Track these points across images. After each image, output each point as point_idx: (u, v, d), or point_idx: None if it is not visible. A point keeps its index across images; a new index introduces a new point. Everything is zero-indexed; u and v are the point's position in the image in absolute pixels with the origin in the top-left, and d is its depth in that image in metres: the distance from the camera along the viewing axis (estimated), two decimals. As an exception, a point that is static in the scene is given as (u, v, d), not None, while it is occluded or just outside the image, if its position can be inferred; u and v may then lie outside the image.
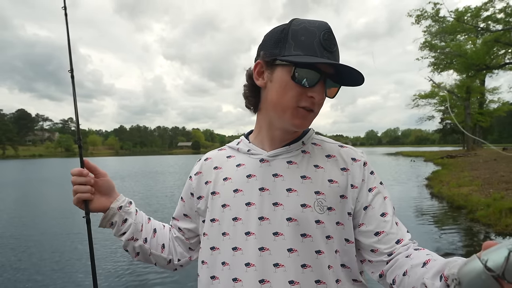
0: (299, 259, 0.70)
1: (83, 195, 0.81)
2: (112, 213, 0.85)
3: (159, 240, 0.91)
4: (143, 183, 14.86)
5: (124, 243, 0.86)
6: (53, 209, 8.91)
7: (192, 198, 0.87)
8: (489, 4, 17.11)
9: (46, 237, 5.99)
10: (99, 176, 0.85)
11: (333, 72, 0.71)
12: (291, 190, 0.73)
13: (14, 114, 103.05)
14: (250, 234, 0.73)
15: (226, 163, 0.83)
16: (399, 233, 0.73)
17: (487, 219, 6.12)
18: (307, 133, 0.83)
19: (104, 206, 0.84)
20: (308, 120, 0.74)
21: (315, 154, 0.79)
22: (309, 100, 0.71)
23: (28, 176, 20.97)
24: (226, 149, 0.88)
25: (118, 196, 0.88)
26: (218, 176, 0.82)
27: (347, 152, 0.80)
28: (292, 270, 0.69)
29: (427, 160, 26.54)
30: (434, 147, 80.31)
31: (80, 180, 0.81)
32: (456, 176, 11.97)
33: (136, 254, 0.89)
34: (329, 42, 0.70)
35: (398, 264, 0.68)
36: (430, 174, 14.86)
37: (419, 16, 20.47)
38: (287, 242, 0.70)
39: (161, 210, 8.19)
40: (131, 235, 0.86)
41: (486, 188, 8.82)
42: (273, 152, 0.78)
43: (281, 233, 0.71)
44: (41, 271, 4.32)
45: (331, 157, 0.79)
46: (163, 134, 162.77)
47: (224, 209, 0.77)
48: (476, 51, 18.63)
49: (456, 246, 5.05)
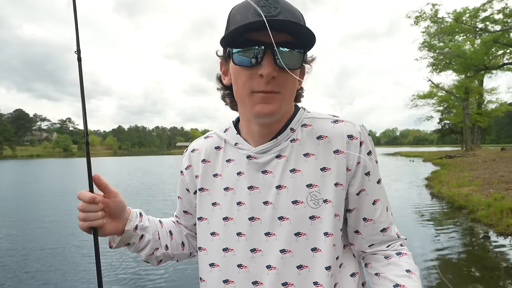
0: (294, 260, 0.66)
1: (93, 223, 0.70)
2: (128, 236, 0.77)
3: (177, 240, 0.89)
4: (142, 182, 14.82)
5: (145, 258, 0.83)
6: (52, 209, 8.85)
7: (188, 193, 0.83)
8: (488, 5, 17.18)
9: (46, 241, 5.93)
10: (110, 197, 0.73)
11: (288, 39, 0.59)
12: (280, 187, 0.68)
13: (12, 114, 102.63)
14: (241, 235, 0.69)
15: (215, 156, 0.77)
16: (386, 221, 0.73)
17: (488, 219, 6.11)
18: (296, 115, 0.72)
19: (116, 229, 0.75)
20: (274, 104, 0.62)
21: (304, 139, 0.70)
22: (261, 81, 0.61)
23: (26, 176, 20.86)
24: (213, 136, 0.80)
25: (129, 214, 0.78)
26: (207, 170, 0.77)
27: (342, 128, 0.69)
28: (286, 272, 0.66)
29: (426, 160, 26.58)
30: (433, 147, 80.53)
31: (91, 208, 0.69)
32: (456, 176, 11.97)
33: (159, 262, 0.86)
34: (267, 7, 0.58)
35: (373, 266, 0.73)
36: (430, 174, 14.86)
37: (418, 18, 20.55)
38: (279, 242, 0.66)
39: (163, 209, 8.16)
40: (151, 250, 0.82)
41: (486, 188, 8.82)
42: (260, 148, 0.70)
43: (273, 233, 0.67)
44: (38, 274, 4.27)
45: (323, 138, 0.69)
46: (161, 134, 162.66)
47: (214, 207, 0.74)
48: (475, 52, 18.70)
49: (457, 246, 5.03)
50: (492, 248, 4.98)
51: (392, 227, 0.74)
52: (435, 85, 30.12)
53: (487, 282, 3.75)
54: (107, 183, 0.73)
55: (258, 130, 0.71)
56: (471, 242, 5.31)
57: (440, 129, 48.40)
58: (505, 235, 5.37)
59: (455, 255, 4.64)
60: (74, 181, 17.04)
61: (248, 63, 0.61)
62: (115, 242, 0.78)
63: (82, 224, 0.70)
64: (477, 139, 32.91)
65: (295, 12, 0.62)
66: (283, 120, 0.71)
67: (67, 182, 16.94)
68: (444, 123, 45.31)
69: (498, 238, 5.31)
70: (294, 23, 0.56)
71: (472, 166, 14.77)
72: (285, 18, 0.58)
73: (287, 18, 0.58)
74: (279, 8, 0.59)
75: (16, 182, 17.00)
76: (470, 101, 30.73)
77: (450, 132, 47.21)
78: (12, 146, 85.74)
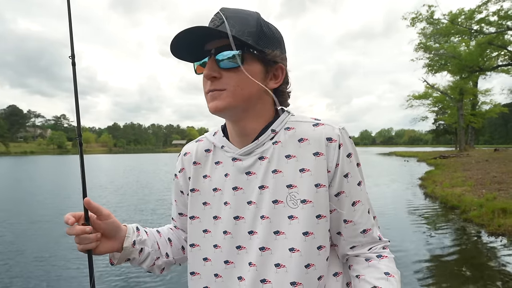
0: (272, 257, 0.68)
1: (87, 246, 0.73)
2: (127, 252, 0.79)
3: (177, 245, 0.92)
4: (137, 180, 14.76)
5: (147, 269, 0.86)
6: (46, 206, 8.78)
7: (183, 195, 0.86)
8: (483, 7, 17.33)
9: (39, 237, 5.89)
10: (102, 219, 0.75)
11: (227, 43, 0.66)
12: (263, 187, 0.70)
13: (5, 110, 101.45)
14: (227, 233, 0.73)
15: (205, 159, 0.81)
16: (367, 223, 0.73)
17: (480, 219, 6.19)
18: (278, 118, 0.75)
19: (113, 248, 0.78)
20: (221, 99, 0.68)
21: (286, 142, 0.72)
22: (207, 83, 0.70)
23: (19, 173, 20.65)
24: (204, 140, 0.85)
25: (125, 231, 0.80)
26: (197, 172, 0.81)
27: (321, 131, 0.71)
28: (265, 269, 0.68)
29: (420, 160, 26.79)
30: (427, 148, 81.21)
31: (80, 232, 0.72)
32: (449, 177, 12.09)
33: (161, 270, 0.89)
34: (212, 22, 0.68)
35: (355, 268, 0.75)
36: (424, 174, 14.98)
37: (414, 19, 20.68)
38: (260, 240, 0.69)
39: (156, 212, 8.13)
40: (152, 261, 0.84)
41: (479, 189, 8.92)
42: (244, 150, 0.73)
43: (256, 231, 0.70)
44: (32, 274, 4.24)
45: (303, 141, 0.71)
46: (157, 132, 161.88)
47: (205, 207, 0.78)
48: (470, 53, 18.86)
49: (449, 246, 5.09)
50: (483, 248, 5.05)
51: (374, 229, 0.75)
52: (431, 86, 30.36)
53: (478, 281, 3.81)
54: (99, 206, 0.74)
55: (236, 131, 0.75)
56: (463, 242, 5.37)
57: (435, 129, 48.75)
58: (496, 235, 5.44)
59: (447, 255, 4.70)
60: (67, 179, 16.92)
61: (196, 70, 0.74)
62: (115, 259, 0.80)
63: (78, 247, 0.74)
64: (471, 140, 33.25)
65: (241, 18, 0.68)
66: (261, 121, 0.74)
67: (60, 180, 16.80)
68: (438, 124, 45.66)
69: (490, 238, 5.39)
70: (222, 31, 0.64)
71: (465, 166, 14.93)
72: (224, 30, 0.65)
73: (229, 27, 0.65)
74: (222, 19, 0.67)
75: (8, 179, 16.82)
76: (465, 102, 31.03)
77: (445, 132, 47.61)
78: (6, 143, 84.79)
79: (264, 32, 0.69)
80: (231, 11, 0.69)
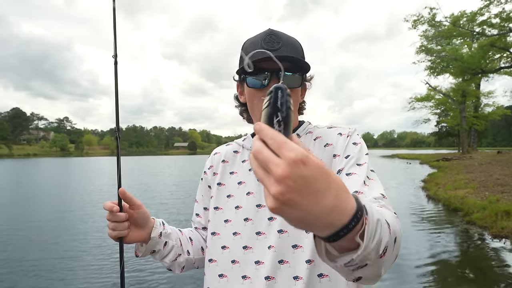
0: (277, 255, 0.73)
1: (121, 233, 0.79)
2: (154, 243, 0.85)
3: (197, 245, 0.97)
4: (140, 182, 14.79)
5: (169, 264, 0.90)
6: (49, 209, 8.81)
7: (209, 190, 0.94)
8: (485, 9, 17.33)
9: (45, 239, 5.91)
10: (134, 208, 0.81)
11: (289, 66, 0.76)
12: None
13: (9, 112, 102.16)
14: (248, 220, 0.79)
15: (233, 158, 0.91)
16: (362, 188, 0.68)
17: (483, 221, 6.16)
18: (302, 125, 0.88)
19: (141, 237, 0.83)
20: None
21: (305, 143, 0.83)
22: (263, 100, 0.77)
23: (22, 175, 20.75)
24: (233, 144, 0.96)
25: (153, 223, 0.86)
26: (225, 169, 0.90)
27: (334, 130, 0.83)
28: (270, 265, 0.73)
29: (423, 163, 26.69)
30: (430, 150, 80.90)
31: (114, 218, 0.79)
32: (452, 179, 12.05)
33: (182, 269, 0.93)
34: (271, 43, 0.76)
35: None
36: (426, 176, 14.93)
37: (416, 21, 20.68)
38: (278, 224, 0.75)
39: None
40: (175, 256, 0.90)
41: (482, 191, 8.89)
42: None
43: (275, 218, 0.76)
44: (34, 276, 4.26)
45: (318, 138, 0.83)
46: (159, 134, 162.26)
47: (228, 199, 0.85)
48: (472, 55, 18.85)
49: (452, 248, 5.07)
50: (486, 250, 5.03)
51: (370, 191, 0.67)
52: (433, 88, 30.31)
53: (481, 283, 3.79)
54: (132, 196, 0.80)
55: None
56: (466, 244, 5.35)
57: (437, 131, 48.59)
58: (500, 237, 5.42)
59: (450, 257, 4.68)
60: (70, 181, 16.98)
61: (259, 85, 0.78)
62: (141, 251, 0.86)
63: (111, 233, 0.80)
64: (474, 142, 33.11)
65: (295, 44, 0.79)
66: None
67: (64, 182, 16.86)
68: (441, 126, 45.50)
69: (493, 240, 5.36)
70: (293, 56, 0.75)
71: (468, 169, 14.87)
72: (287, 53, 0.76)
73: (288, 51, 0.76)
74: (280, 43, 0.76)
75: (11, 181, 16.90)
76: (467, 104, 30.94)
77: (447, 134, 47.41)
78: (9, 145, 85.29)
79: (304, 57, 0.82)
80: (283, 35, 0.78)
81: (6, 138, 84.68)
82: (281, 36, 0.78)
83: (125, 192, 0.79)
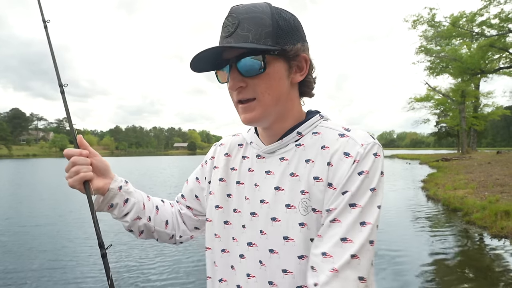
0: (280, 262, 0.66)
1: (87, 175, 0.77)
2: (112, 195, 0.81)
3: (162, 216, 0.91)
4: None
5: (130, 223, 0.84)
6: (48, 209, 8.80)
7: (205, 181, 0.89)
8: (484, 10, 17.36)
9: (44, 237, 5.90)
10: (91, 156, 0.80)
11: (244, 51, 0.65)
12: (279, 189, 0.69)
13: (8, 113, 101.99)
14: (244, 227, 0.73)
15: (236, 152, 0.84)
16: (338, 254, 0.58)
17: (482, 221, 6.17)
18: (308, 120, 0.73)
19: (101, 187, 0.80)
20: (254, 111, 0.68)
21: (310, 146, 0.70)
22: (234, 93, 0.70)
23: (21, 176, 20.72)
24: (240, 135, 0.88)
25: (114, 176, 0.84)
26: (227, 163, 0.83)
27: (344, 143, 0.66)
28: (271, 272, 0.67)
29: (422, 163, 26.72)
30: (429, 150, 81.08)
31: (81, 160, 0.77)
32: (452, 179, 12.06)
33: (140, 233, 0.88)
34: (227, 27, 0.66)
35: None
36: (426, 176, 14.95)
37: (415, 22, 20.71)
38: (269, 242, 0.68)
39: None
40: (136, 214, 0.84)
41: (481, 191, 8.89)
42: (268, 148, 0.74)
43: (265, 232, 0.69)
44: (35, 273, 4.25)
45: (325, 148, 0.67)
46: (159, 134, 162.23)
47: (228, 198, 0.79)
48: (471, 56, 18.87)
49: (451, 248, 5.08)
50: (486, 250, 5.03)
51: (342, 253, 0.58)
52: (432, 88, 30.35)
53: (481, 283, 3.79)
54: (87, 143, 0.80)
55: (262, 131, 0.77)
56: (466, 244, 5.36)
57: (437, 132, 48.59)
58: (499, 237, 5.42)
59: (450, 257, 4.68)
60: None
61: (223, 81, 0.72)
62: (98, 203, 0.81)
63: (75, 178, 0.76)
64: (473, 142, 33.14)
65: (255, 18, 0.64)
66: (289, 122, 0.73)
67: (64, 182, 16.83)
68: (440, 126, 45.51)
69: (492, 240, 5.37)
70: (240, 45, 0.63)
71: (468, 169, 14.88)
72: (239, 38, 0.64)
73: (245, 31, 0.64)
74: (235, 24, 0.64)
75: (10, 182, 16.87)
76: (467, 105, 30.98)
77: (447, 135, 47.42)
78: (8, 146, 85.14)
79: (281, 28, 0.65)
80: (243, 11, 0.65)
81: (6, 139, 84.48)
82: (240, 13, 0.65)
83: (82, 139, 0.79)
